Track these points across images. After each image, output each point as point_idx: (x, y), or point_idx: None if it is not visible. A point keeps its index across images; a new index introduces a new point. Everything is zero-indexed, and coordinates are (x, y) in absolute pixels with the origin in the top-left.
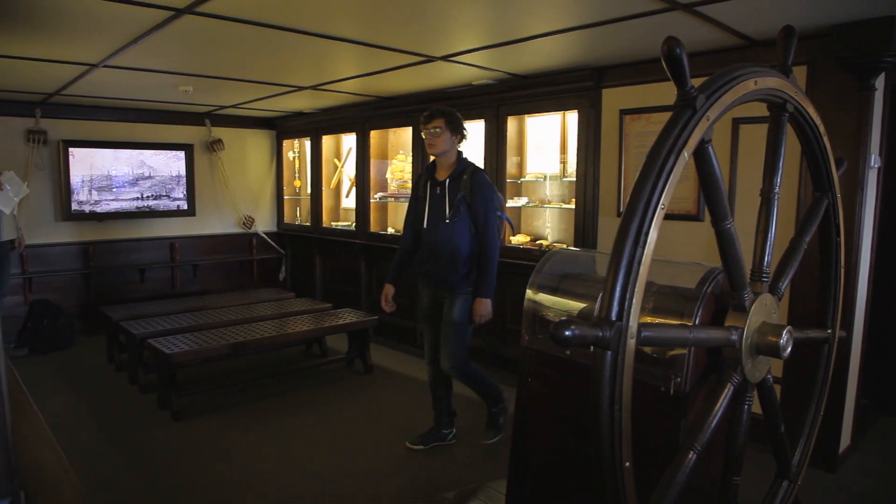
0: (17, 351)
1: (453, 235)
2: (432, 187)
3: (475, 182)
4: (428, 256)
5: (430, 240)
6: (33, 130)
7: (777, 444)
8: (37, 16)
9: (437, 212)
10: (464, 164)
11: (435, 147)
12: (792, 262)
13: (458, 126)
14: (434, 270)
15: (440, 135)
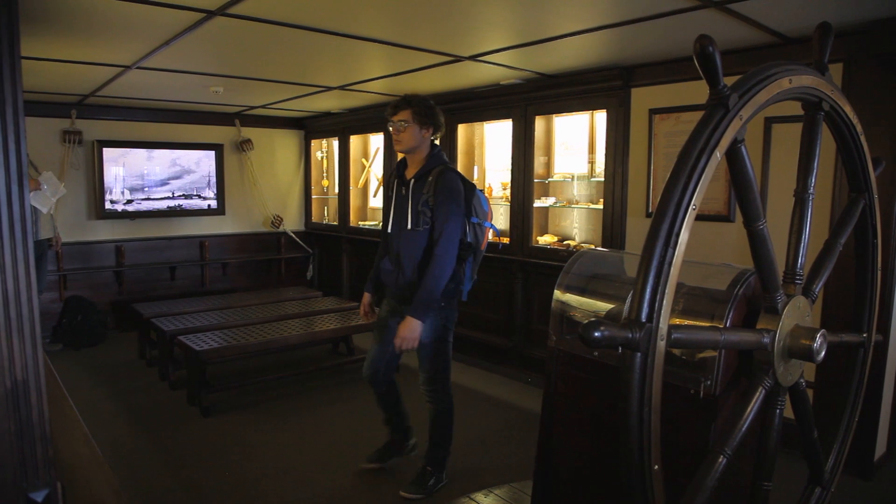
0: (53, 346)
1: (417, 246)
2: (398, 187)
3: (439, 185)
4: (391, 264)
5: (392, 247)
6: (69, 131)
7: (810, 449)
8: (73, 20)
9: (401, 217)
10: (432, 162)
11: (401, 143)
12: (826, 264)
13: (429, 117)
14: (397, 282)
15: (406, 128)
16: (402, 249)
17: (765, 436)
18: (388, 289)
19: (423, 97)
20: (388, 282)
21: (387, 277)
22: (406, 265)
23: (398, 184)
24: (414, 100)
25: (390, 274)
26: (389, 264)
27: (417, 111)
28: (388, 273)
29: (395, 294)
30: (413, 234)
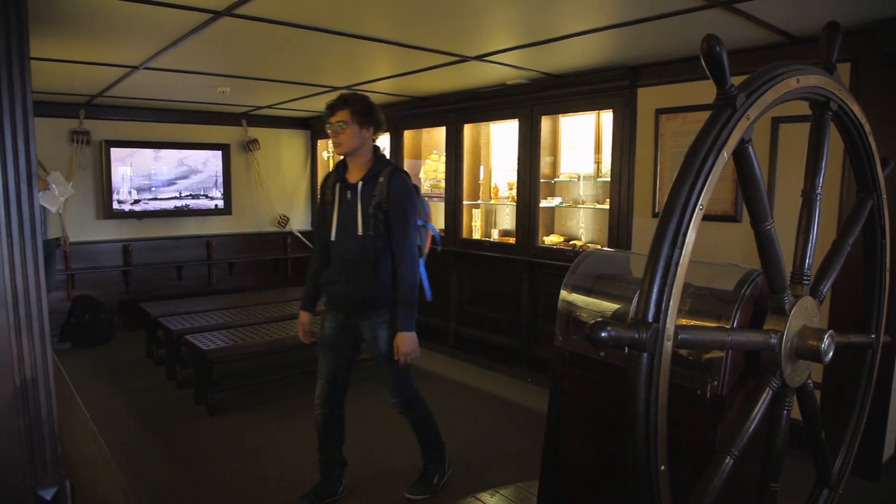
0: (61, 344)
1: (369, 251)
2: (342, 191)
3: (392, 186)
4: (337, 275)
5: (339, 255)
6: (77, 131)
7: (817, 451)
8: (82, 20)
9: (348, 222)
10: (380, 164)
11: (341, 145)
12: (834, 264)
13: (369, 116)
14: (345, 293)
15: (345, 129)
16: (351, 258)
17: (772, 437)
18: (333, 303)
19: (361, 95)
20: (333, 294)
21: (332, 290)
22: (357, 274)
23: (341, 188)
24: (351, 99)
25: (335, 286)
26: (334, 275)
27: (356, 111)
28: (333, 285)
29: (343, 307)
30: (364, 241)
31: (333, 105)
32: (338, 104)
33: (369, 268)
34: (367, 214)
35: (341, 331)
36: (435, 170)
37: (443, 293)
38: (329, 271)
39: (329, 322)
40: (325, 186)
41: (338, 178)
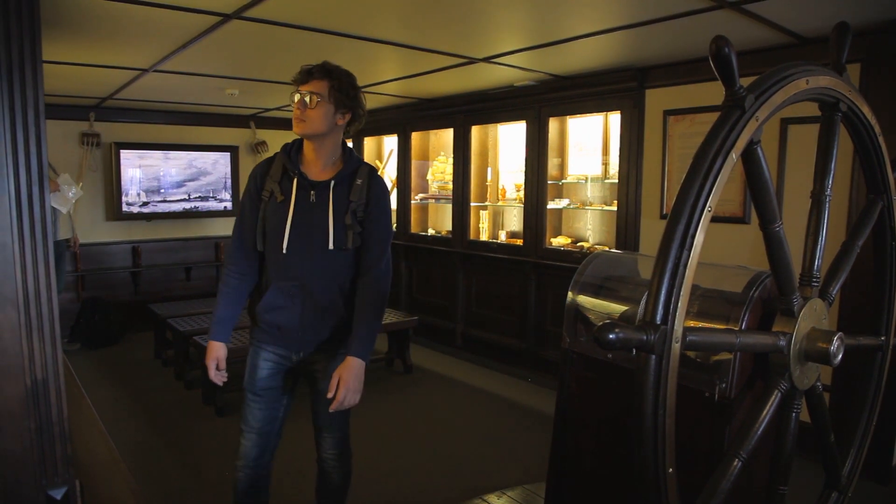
0: (70, 345)
1: (339, 271)
2: (301, 190)
3: (374, 192)
4: (286, 300)
5: (293, 274)
6: (87, 133)
7: (826, 453)
8: (93, 24)
9: (312, 232)
10: (355, 161)
11: (305, 123)
12: (844, 266)
13: (352, 99)
14: (298, 324)
15: (318, 105)
16: (313, 278)
17: (781, 439)
18: (274, 336)
19: (348, 71)
20: (275, 325)
21: (274, 319)
22: (320, 301)
23: (299, 185)
24: (336, 71)
25: (281, 314)
26: (278, 299)
27: (338, 86)
28: (277, 313)
29: (290, 342)
30: (335, 258)
31: (311, 71)
32: (317, 71)
33: (337, 292)
34: (343, 225)
35: (280, 372)
36: (442, 171)
37: (450, 294)
38: (271, 294)
39: (264, 361)
40: (267, 178)
41: (291, 170)
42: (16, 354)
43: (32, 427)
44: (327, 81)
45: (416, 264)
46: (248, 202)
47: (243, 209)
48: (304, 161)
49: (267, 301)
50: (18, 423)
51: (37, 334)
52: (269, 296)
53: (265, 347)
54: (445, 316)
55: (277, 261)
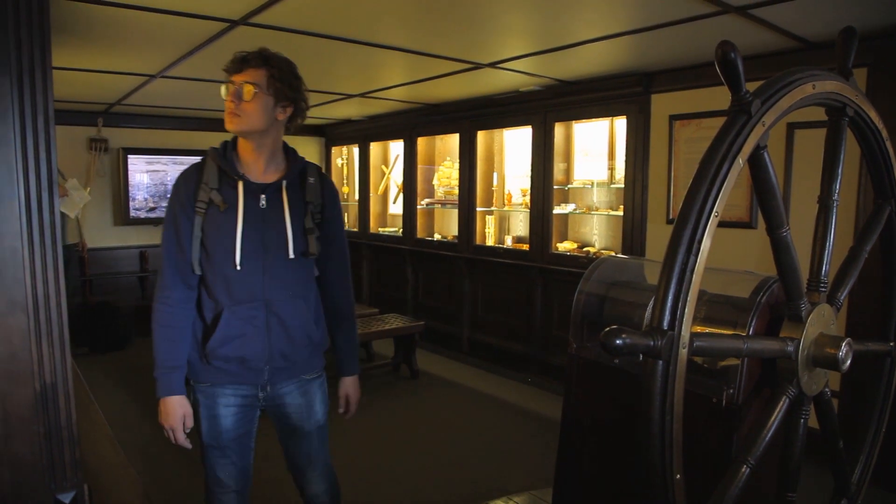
0: (77, 350)
1: (303, 282)
2: (249, 195)
3: (328, 192)
4: (246, 326)
5: (251, 294)
6: (95, 139)
7: (835, 460)
8: (102, 30)
9: (269, 241)
10: (300, 159)
11: (241, 119)
12: (852, 271)
13: (294, 91)
14: (265, 352)
15: (256, 97)
16: (276, 294)
17: (789, 446)
18: (234, 373)
19: (288, 60)
20: (244, 354)
21: (242, 348)
22: (286, 318)
23: (246, 191)
24: (274, 59)
25: (249, 341)
26: (242, 324)
27: (278, 76)
28: (244, 341)
29: (254, 375)
30: (298, 267)
31: (246, 59)
32: (254, 59)
33: (304, 307)
34: (303, 229)
35: (247, 416)
36: (448, 176)
37: (456, 299)
38: (225, 322)
39: (226, 407)
40: (200, 186)
41: (232, 174)
42: (25, 359)
43: (41, 431)
44: (265, 70)
45: (422, 269)
46: (181, 217)
47: (173, 227)
48: (242, 163)
49: (222, 332)
50: (28, 427)
51: (46, 339)
52: (223, 325)
53: (223, 390)
54: (451, 321)
55: (229, 281)
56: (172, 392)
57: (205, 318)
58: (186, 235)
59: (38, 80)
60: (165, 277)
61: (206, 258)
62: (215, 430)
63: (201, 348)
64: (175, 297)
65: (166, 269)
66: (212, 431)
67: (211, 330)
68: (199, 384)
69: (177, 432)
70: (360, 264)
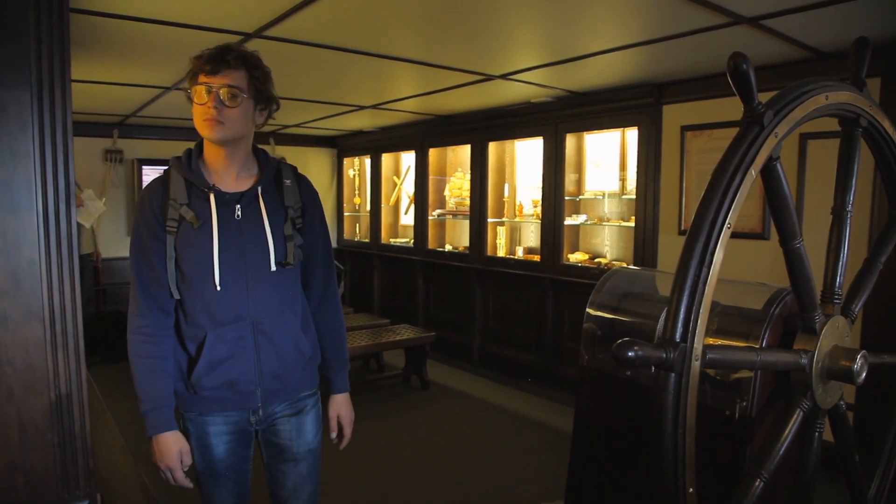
0: (91, 358)
1: (287, 295)
2: (222, 207)
3: (307, 193)
4: (233, 348)
5: (235, 313)
6: (111, 150)
7: (851, 474)
8: (117, 44)
9: (248, 254)
10: (272, 160)
11: (225, 127)
12: (866, 283)
13: (270, 90)
14: (256, 374)
15: (241, 102)
16: (264, 310)
17: (803, 459)
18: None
19: (257, 55)
20: (234, 378)
21: (231, 372)
22: (279, 334)
23: (218, 202)
24: (251, 58)
25: (238, 363)
26: (228, 347)
27: (258, 77)
28: (232, 364)
29: (251, 397)
30: (282, 279)
31: (224, 59)
32: (234, 58)
33: (292, 322)
34: (283, 236)
35: (240, 442)
36: (460, 187)
37: (467, 310)
38: (210, 346)
39: (217, 436)
40: (167, 202)
41: (201, 186)
42: (41, 369)
43: (55, 441)
44: (245, 71)
45: (433, 280)
46: (150, 239)
47: (142, 249)
48: (211, 172)
49: (207, 358)
50: (42, 436)
51: (62, 350)
52: (207, 350)
53: (213, 418)
54: (463, 332)
55: (210, 303)
56: (165, 428)
57: (186, 346)
58: (159, 257)
59: (58, 94)
60: (138, 305)
61: (182, 280)
62: (208, 459)
63: (186, 378)
64: (152, 325)
65: (138, 295)
66: (204, 462)
67: (195, 358)
68: (188, 413)
69: (175, 472)
70: (371, 275)
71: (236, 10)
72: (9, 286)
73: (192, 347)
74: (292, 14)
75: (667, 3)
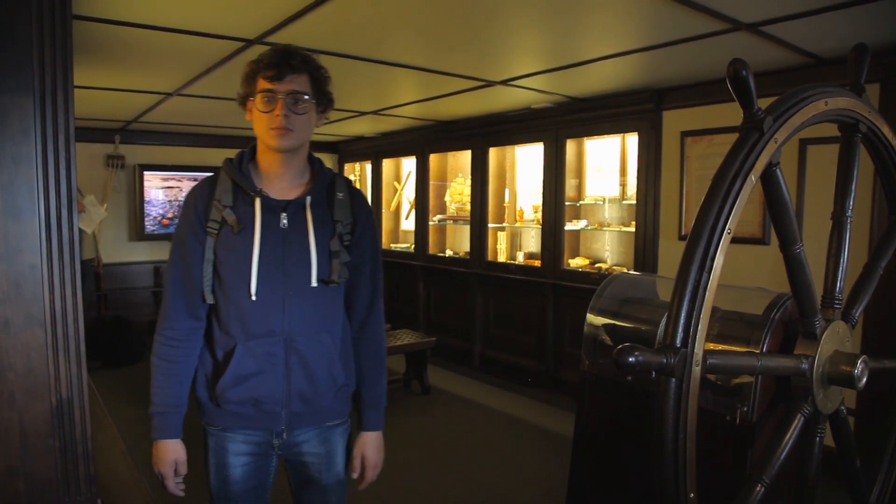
0: (92, 364)
1: (326, 314)
2: (268, 214)
3: (360, 209)
4: (262, 363)
5: (268, 327)
6: (112, 156)
7: (852, 479)
8: (120, 50)
9: (289, 266)
10: (326, 170)
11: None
12: (866, 288)
13: (331, 98)
14: (283, 393)
15: (306, 109)
16: (299, 326)
17: (804, 465)
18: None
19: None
20: (259, 395)
21: (257, 388)
22: (312, 353)
23: (264, 208)
24: (312, 60)
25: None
26: (258, 362)
27: (320, 79)
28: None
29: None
30: (320, 297)
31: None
32: (297, 63)
33: (329, 342)
34: (328, 252)
35: (260, 465)
36: (460, 193)
37: (468, 316)
38: (239, 359)
39: (236, 455)
40: (212, 204)
41: (248, 189)
42: (42, 374)
43: (57, 446)
44: (308, 75)
45: (433, 285)
46: (191, 239)
47: (181, 250)
48: (262, 177)
49: (234, 371)
50: (43, 441)
51: (63, 354)
52: (235, 363)
53: (234, 436)
54: (463, 337)
55: (243, 312)
56: (166, 435)
57: (215, 355)
58: (196, 259)
59: (60, 101)
60: (168, 308)
61: (219, 285)
62: (223, 480)
63: (211, 388)
64: (179, 330)
65: (170, 297)
66: (219, 482)
67: (222, 368)
68: (210, 427)
69: (166, 480)
70: None
71: (238, 17)
72: (10, 291)
73: (220, 356)
74: (294, 20)
75: (666, 9)
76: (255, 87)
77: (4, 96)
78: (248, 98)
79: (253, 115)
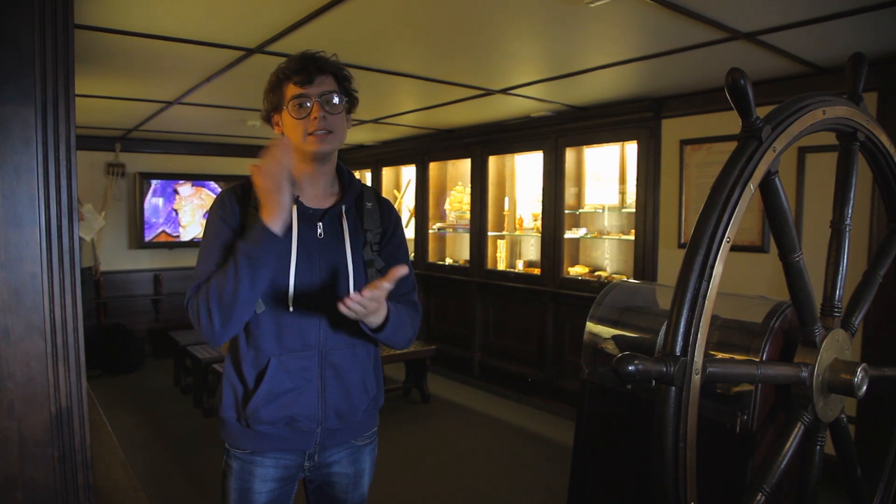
0: (91, 372)
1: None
2: (304, 222)
3: (389, 217)
4: (297, 379)
5: (304, 341)
6: (113, 164)
7: (853, 488)
8: (121, 59)
9: (326, 277)
10: (356, 180)
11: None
12: (866, 296)
13: (355, 94)
14: (318, 411)
15: (341, 109)
16: (335, 340)
17: (805, 473)
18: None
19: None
20: (294, 413)
21: (292, 406)
22: (348, 368)
23: (299, 215)
24: (332, 61)
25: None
26: (292, 378)
27: (344, 79)
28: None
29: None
30: None
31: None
32: (325, 65)
33: (365, 356)
34: (363, 262)
35: (287, 492)
36: (460, 201)
37: (467, 324)
38: (272, 375)
39: (262, 481)
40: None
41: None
42: (42, 383)
43: (56, 455)
44: (333, 76)
45: (433, 294)
46: (224, 245)
47: (213, 254)
48: (295, 185)
49: (267, 387)
50: (42, 450)
51: (62, 363)
52: (268, 379)
53: (263, 460)
54: (463, 345)
55: (280, 325)
56: None
57: (243, 373)
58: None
59: (62, 111)
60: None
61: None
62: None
63: (241, 409)
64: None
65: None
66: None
67: (252, 386)
68: (235, 450)
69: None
70: None
71: (239, 26)
72: (11, 300)
73: (250, 374)
74: (294, 30)
75: (665, 18)
76: (285, 95)
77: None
78: (274, 112)
79: (284, 125)
